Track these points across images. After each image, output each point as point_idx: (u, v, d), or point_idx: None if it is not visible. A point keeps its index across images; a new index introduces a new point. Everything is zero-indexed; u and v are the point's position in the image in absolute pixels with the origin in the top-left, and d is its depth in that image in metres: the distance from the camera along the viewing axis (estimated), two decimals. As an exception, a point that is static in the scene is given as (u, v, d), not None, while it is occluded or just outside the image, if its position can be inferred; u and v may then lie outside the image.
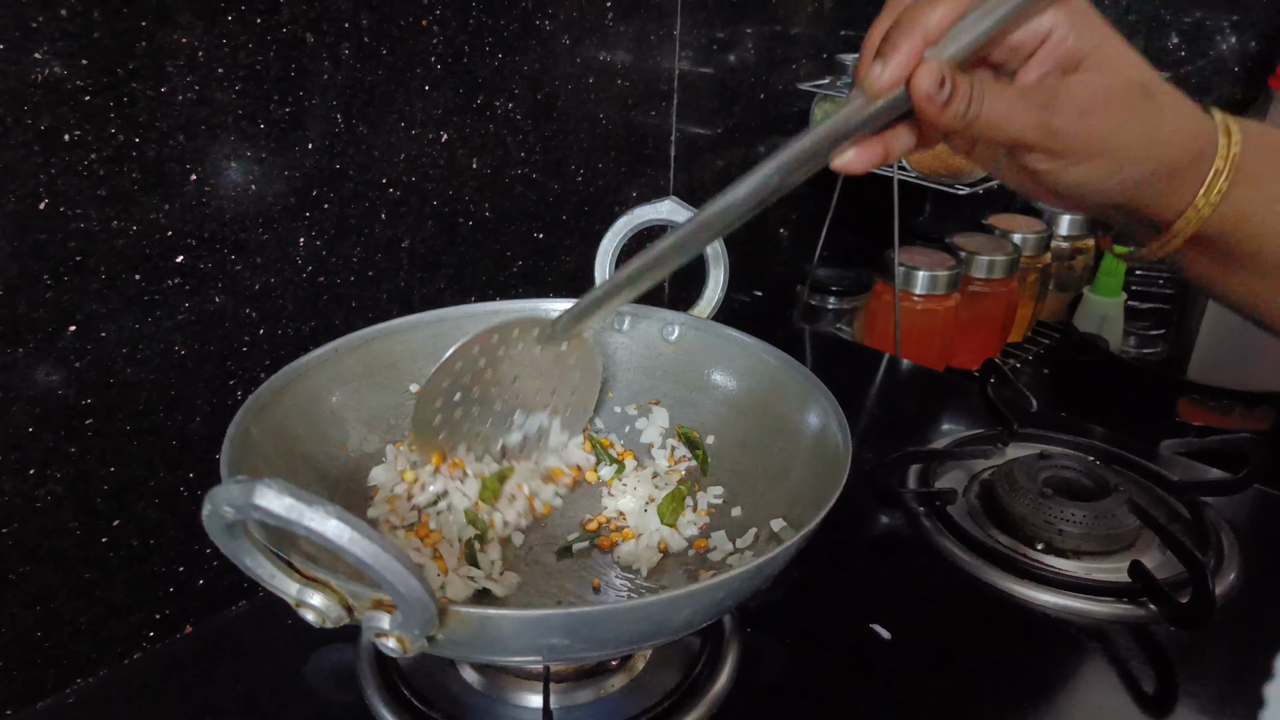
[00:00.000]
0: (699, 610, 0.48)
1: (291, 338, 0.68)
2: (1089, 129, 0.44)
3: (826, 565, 0.71)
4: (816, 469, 0.59)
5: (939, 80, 0.42)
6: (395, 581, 0.37)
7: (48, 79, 0.51)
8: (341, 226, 0.69)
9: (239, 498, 0.34)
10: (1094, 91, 0.44)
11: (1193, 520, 0.77)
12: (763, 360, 0.67)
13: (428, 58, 0.70)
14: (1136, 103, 0.44)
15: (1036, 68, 0.44)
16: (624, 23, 0.85)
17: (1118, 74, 0.44)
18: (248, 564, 0.41)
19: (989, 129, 0.43)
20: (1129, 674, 0.63)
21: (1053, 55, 0.44)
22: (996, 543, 0.74)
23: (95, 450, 0.59)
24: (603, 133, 0.88)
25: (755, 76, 1.04)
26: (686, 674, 0.60)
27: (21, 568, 0.57)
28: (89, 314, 0.56)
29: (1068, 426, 0.91)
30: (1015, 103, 0.43)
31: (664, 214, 0.69)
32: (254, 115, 0.61)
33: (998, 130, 0.44)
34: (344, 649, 0.62)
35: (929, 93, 0.42)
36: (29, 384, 0.55)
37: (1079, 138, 0.44)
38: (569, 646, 0.45)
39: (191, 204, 0.59)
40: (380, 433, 0.66)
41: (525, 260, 0.85)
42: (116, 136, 0.55)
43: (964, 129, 0.43)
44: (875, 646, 0.65)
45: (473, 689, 0.59)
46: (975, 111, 0.43)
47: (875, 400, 1.01)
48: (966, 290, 1.19)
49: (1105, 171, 0.45)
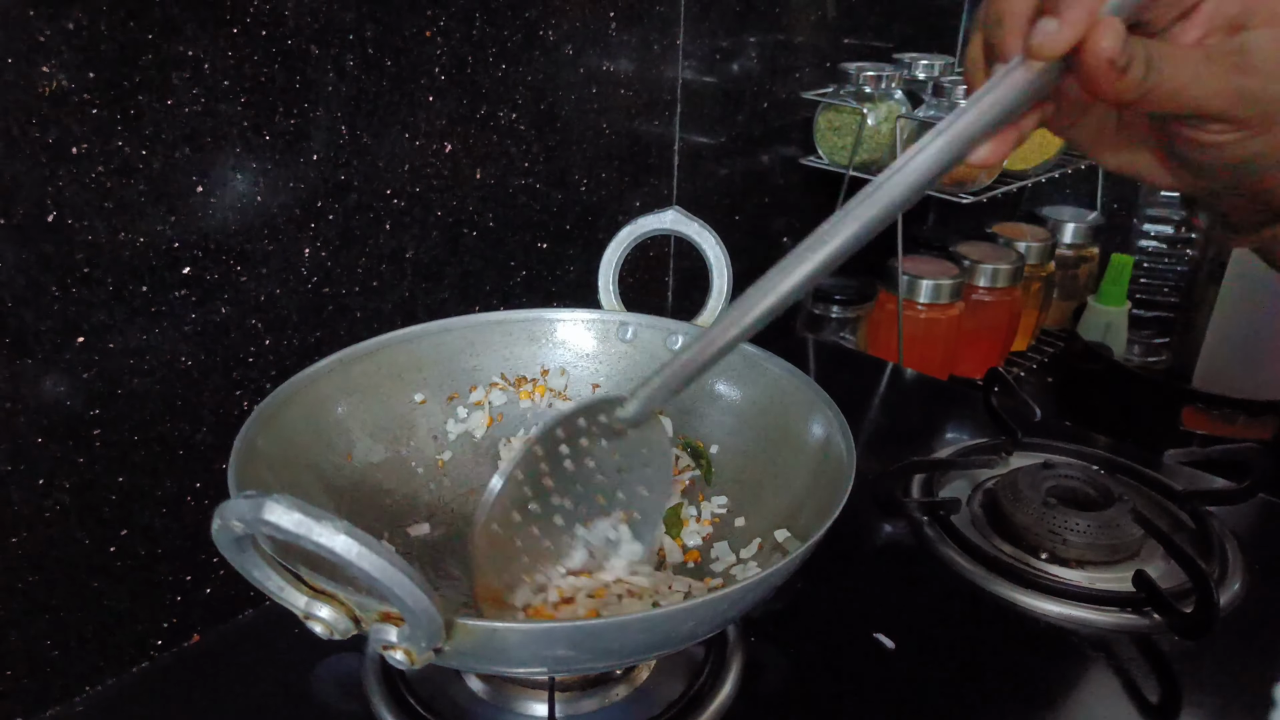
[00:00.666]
0: (703, 621, 0.48)
1: (297, 348, 0.68)
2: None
3: (830, 575, 0.71)
4: (820, 479, 0.59)
5: (1123, 40, 0.35)
6: (403, 595, 0.37)
7: (55, 91, 0.52)
8: (346, 237, 0.69)
9: (248, 513, 0.34)
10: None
11: (1197, 530, 0.77)
12: (766, 370, 0.68)
13: (431, 68, 0.71)
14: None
15: (1199, 26, 0.39)
16: (627, 32, 0.85)
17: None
18: (256, 577, 0.41)
19: (1168, 98, 0.38)
20: (1133, 684, 0.63)
21: (1221, 11, 0.38)
22: (1000, 552, 0.74)
23: (102, 460, 0.59)
24: (606, 142, 0.88)
25: (758, 85, 1.04)
26: (691, 683, 0.60)
27: (30, 577, 0.57)
28: (96, 325, 0.57)
29: (1072, 436, 0.91)
30: (1200, 65, 0.37)
31: (667, 224, 0.69)
32: (259, 127, 0.61)
33: (1179, 99, 0.38)
34: (350, 658, 0.62)
35: (1112, 56, 0.36)
36: (37, 394, 0.55)
37: (1273, 101, 0.38)
38: (574, 658, 0.46)
39: (197, 215, 0.60)
40: (385, 443, 0.66)
41: (529, 270, 0.85)
42: (123, 148, 0.55)
43: (1138, 99, 0.37)
44: (879, 656, 0.65)
45: (478, 698, 0.59)
46: (1155, 79, 0.37)
47: (878, 409, 1.01)
48: (970, 299, 1.19)
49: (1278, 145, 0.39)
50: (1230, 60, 0.37)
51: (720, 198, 1.06)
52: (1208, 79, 0.37)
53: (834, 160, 1.13)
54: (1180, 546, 0.68)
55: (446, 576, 0.62)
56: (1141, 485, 0.83)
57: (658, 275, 1.00)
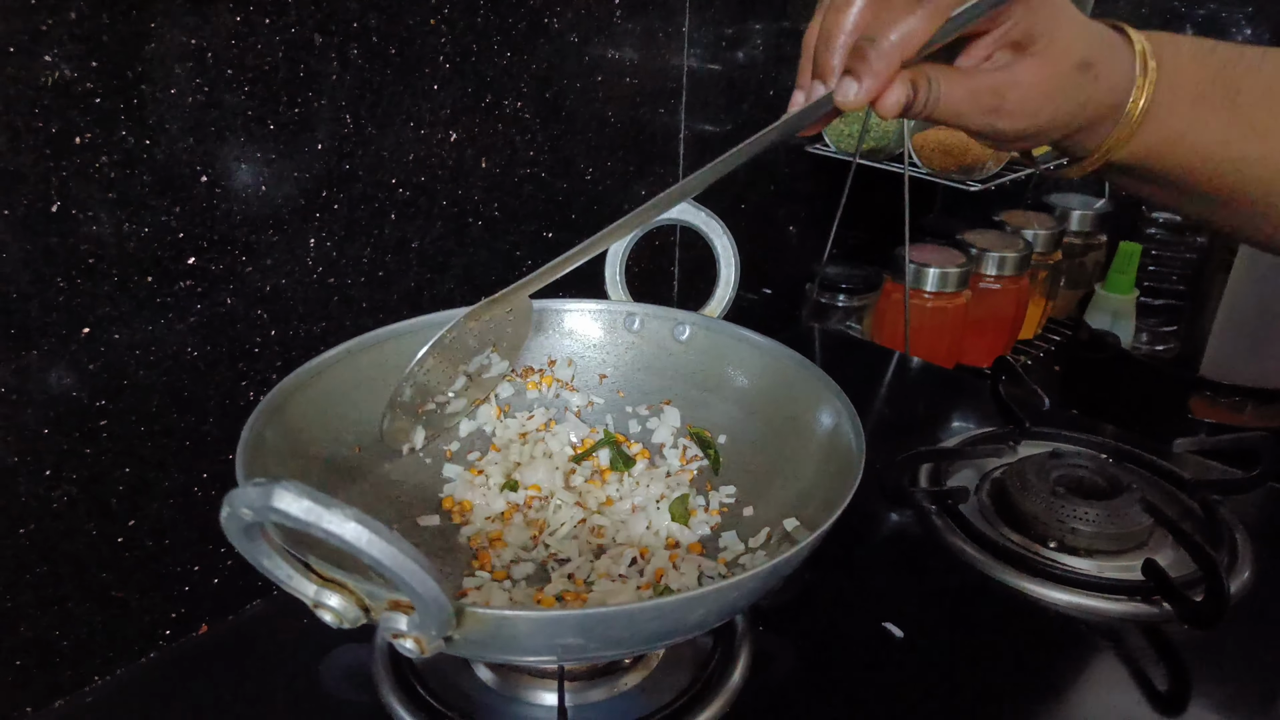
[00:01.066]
0: (713, 610, 0.48)
1: (302, 339, 0.68)
2: (1030, 116, 0.48)
3: (838, 564, 0.71)
4: (829, 469, 0.59)
5: (903, 104, 0.46)
6: (413, 583, 0.37)
7: (57, 82, 0.51)
8: (351, 227, 0.69)
9: (258, 500, 0.34)
10: (1036, 87, 0.47)
11: (1206, 519, 0.76)
12: (775, 359, 0.67)
13: (436, 57, 0.70)
14: (1076, 81, 0.48)
15: (986, 47, 0.48)
16: (632, 20, 0.85)
17: (1063, 57, 0.47)
18: (266, 565, 0.41)
19: (943, 118, 0.48)
20: (1142, 673, 0.63)
21: (1007, 37, 0.47)
22: (1009, 541, 0.74)
23: (110, 452, 0.59)
24: (611, 131, 0.87)
25: (763, 73, 1.04)
26: (699, 673, 0.60)
27: (38, 568, 0.57)
28: (101, 317, 0.56)
29: (1080, 424, 0.91)
30: (964, 103, 0.48)
31: (675, 214, 0.69)
32: (263, 117, 0.61)
33: (948, 120, 0.49)
34: (359, 648, 0.62)
35: (893, 114, 0.47)
36: (43, 387, 0.55)
37: (1021, 126, 0.49)
38: (584, 646, 0.46)
39: (202, 206, 0.60)
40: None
41: (534, 259, 0.85)
42: (127, 139, 0.55)
43: (924, 116, 0.48)
44: (887, 645, 0.65)
45: (488, 687, 0.59)
46: (930, 110, 0.47)
47: (885, 399, 1.01)
48: (977, 287, 1.19)
49: (1040, 139, 0.51)
50: (989, 102, 0.48)
51: (726, 186, 1.05)
52: (971, 113, 0.48)
53: (841, 148, 1.13)
54: (1190, 535, 0.68)
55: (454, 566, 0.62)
56: (1150, 474, 0.83)
57: (663, 265, 1.00)
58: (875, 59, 0.45)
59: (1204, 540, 0.68)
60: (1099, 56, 0.48)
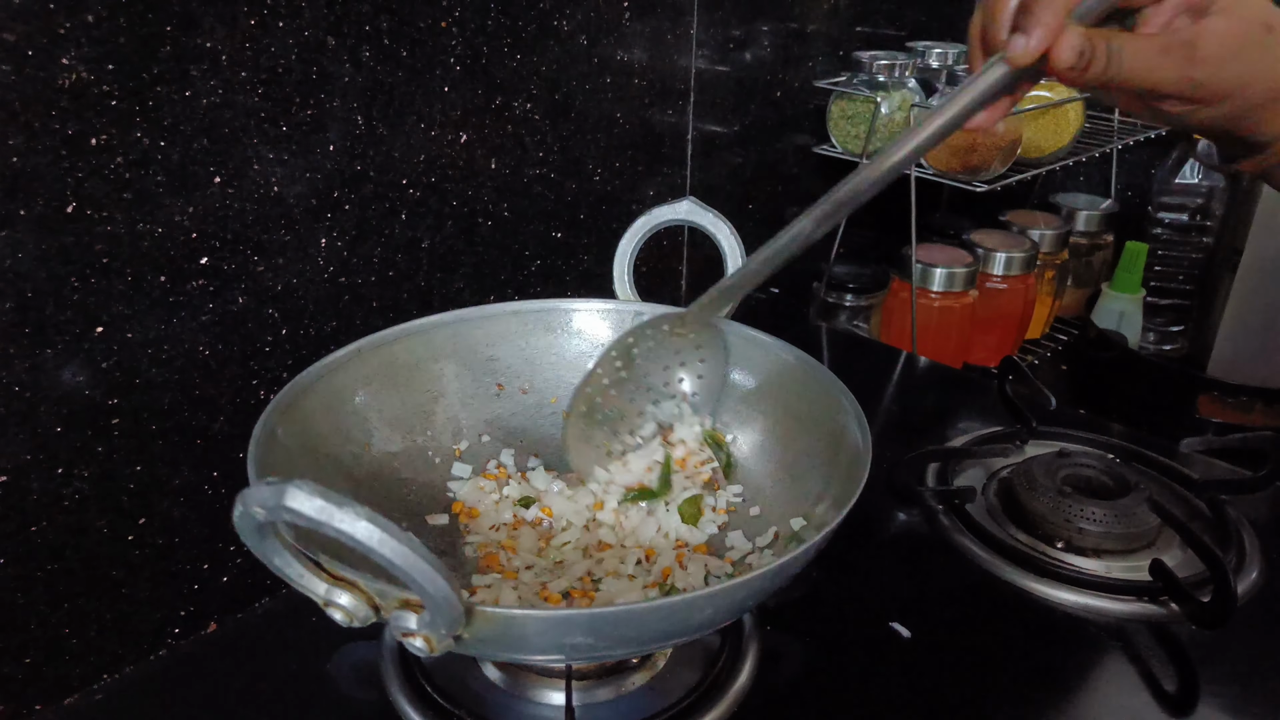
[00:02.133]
0: (720, 609, 0.48)
1: (313, 338, 0.69)
2: (1225, 77, 0.46)
3: (845, 564, 0.72)
4: (836, 468, 0.59)
5: (1079, 52, 0.44)
6: (423, 581, 0.37)
7: (75, 84, 0.52)
8: (362, 227, 0.69)
9: (270, 499, 0.35)
10: (1228, 39, 0.46)
11: (1213, 519, 0.76)
12: (782, 359, 0.67)
13: (446, 59, 0.71)
14: (1263, 40, 0.47)
15: (1165, 12, 0.46)
16: (641, 22, 0.85)
17: (1246, 16, 0.46)
18: (277, 564, 0.41)
19: (1128, 84, 0.46)
20: (1149, 673, 0.63)
21: (1186, 2, 0.46)
22: (1016, 541, 0.74)
23: (121, 450, 0.59)
24: (620, 132, 0.88)
25: (771, 74, 1.04)
26: (707, 672, 0.60)
27: (49, 565, 0.58)
28: (115, 315, 0.57)
29: (1087, 424, 0.91)
30: (1156, 58, 0.46)
31: (682, 214, 0.69)
32: (276, 118, 0.62)
33: (1138, 84, 0.46)
34: (367, 646, 0.63)
35: (1070, 64, 0.44)
36: (56, 385, 0.56)
37: (1217, 86, 0.46)
38: (592, 645, 0.46)
39: (215, 206, 0.60)
40: (403, 433, 0.67)
41: (544, 260, 0.85)
42: (142, 140, 0.55)
43: (1102, 85, 0.46)
44: (894, 645, 0.65)
45: (495, 686, 0.60)
46: (1115, 71, 0.45)
47: (892, 398, 1.01)
48: (984, 287, 1.19)
49: (1233, 110, 0.48)
50: (1182, 53, 0.46)
51: (734, 187, 1.06)
52: (1162, 69, 0.46)
53: (847, 149, 1.13)
54: (1197, 535, 0.68)
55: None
56: (1157, 474, 0.83)
57: (671, 264, 1.00)
58: (1042, 9, 0.44)
59: (1212, 540, 0.68)
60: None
